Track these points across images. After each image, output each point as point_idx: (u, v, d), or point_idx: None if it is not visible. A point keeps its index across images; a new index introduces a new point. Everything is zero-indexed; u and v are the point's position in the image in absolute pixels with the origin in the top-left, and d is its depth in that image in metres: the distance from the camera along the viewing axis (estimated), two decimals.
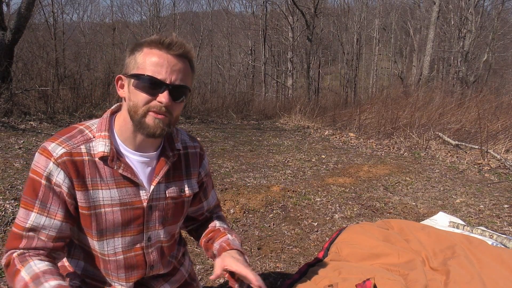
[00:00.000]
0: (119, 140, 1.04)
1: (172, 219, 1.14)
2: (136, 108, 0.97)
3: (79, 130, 1.02)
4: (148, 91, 0.96)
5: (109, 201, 1.01)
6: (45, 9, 16.12)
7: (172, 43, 0.96)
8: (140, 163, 1.06)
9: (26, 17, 6.61)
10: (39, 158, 0.97)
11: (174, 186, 1.12)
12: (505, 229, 3.13)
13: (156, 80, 0.95)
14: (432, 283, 1.96)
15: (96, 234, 1.03)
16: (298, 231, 2.97)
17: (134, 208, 1.05)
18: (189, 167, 1.17)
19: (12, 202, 2.97)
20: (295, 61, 20.96)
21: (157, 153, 1.09)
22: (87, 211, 1.00)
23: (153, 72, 0.95)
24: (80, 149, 0.99)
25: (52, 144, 0.97)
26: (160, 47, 0.96)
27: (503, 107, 9.19)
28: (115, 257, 1.06)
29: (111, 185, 1.01)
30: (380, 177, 4.59)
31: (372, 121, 8.52)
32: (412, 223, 2.77)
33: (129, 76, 0.98)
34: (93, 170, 1.00)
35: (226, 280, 2.24)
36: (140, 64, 0.97)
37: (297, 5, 16.22)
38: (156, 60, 0.95)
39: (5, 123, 5.54)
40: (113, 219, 1.02)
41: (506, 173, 4.90)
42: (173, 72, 0.96)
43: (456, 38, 18.73)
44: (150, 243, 1.11)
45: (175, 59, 0.97)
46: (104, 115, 1.06)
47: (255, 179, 4.28)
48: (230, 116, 9.86)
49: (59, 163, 0.96)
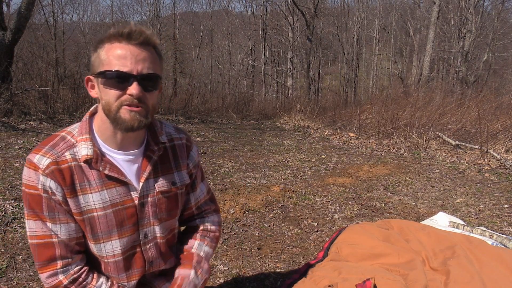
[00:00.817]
0: (101, 141, 1.03)
1: (167, 213, 1.13)
2: (109, 106, 0.95)
3: (61, 137, 1.02)
4: (117, 86, 0.94)
5: (100, 204, 1.01)
6: (45, 9, 16.15)
7: (131, 32, 0.93)
8: (125, 161, 1.05)
9: (26, 17, 6.61)
10: (29, 172, 0.97)
11: (164, 179, 1.11)
12: (505, 229, 3.13)
13: (122, 73, 0.93)
14: (432, 283, 1.96)
15: (92, 237, 1.03)
16: (298, 231, 2.97)
17: (126, 207, 1.04)
18: (178, 159, 1.16)
19: (12, 202, 2.97)
20: (295, 61, 20.96)
21: (141, 150, 1.08)
22: (80, 217, 1.01)
23: (118, 66, 0.93)
24: (65, 156, 0.98)
25: (37, 156, 0.97)
26: (120, 39, 0.93)
27: (503, 107, 9.19)
28: (114, 258, 1.07)
29: (100, 188, 1.01)
30: (380, 177, 4.59)
31: (372, 121, 8.52)
32: (412, 223, 2.77)
33: (96, 75, 0.97)
34: (80, 175, 0.99)
35: (226, 280, 2.24)
36: (104, 60, 0.94)
37: (297, 5, 16.22)
38: (119, 53, 0.93)
39: (5, 123, 5.54)
40: (106, 222, 1.02)
41: (506, 173, 4.90)
42: (138, 62, 0.93)
43: (456, 38, 18.73)
44: (147, 240, 1.10)
45: (137, 48, 0.94)
46: (84, 118, 1.05)
47: (255, 179, 4.28)
48: (230, 116, 9.86)
49: (47, 173, 0.96)
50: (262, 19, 20.14)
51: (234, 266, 2.40)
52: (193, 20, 32.90)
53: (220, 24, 30.30)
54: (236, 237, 2.81)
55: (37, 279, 2.11)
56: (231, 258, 2.50)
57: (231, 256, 2.53)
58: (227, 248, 2.62)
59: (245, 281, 2.24)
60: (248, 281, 2.24)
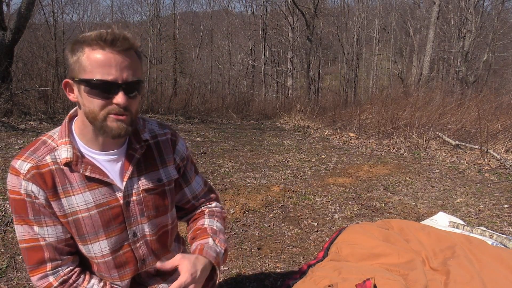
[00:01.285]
0: (82, 143, 1.02)
1: (154, 211, 1.11)
2: (94, 114, 0.93)
3: (42, 142, 1.02)
4: (103, 96, 0.91)
5: (84, 205, 1.01)
6: (45, 9, 16.12)
7: (115, 39, 0.89)
8: (107, 161, 1.04)
9: (26, 17, 6.61)
10: (11, 178, 0.98)
11: (149, 177, 1.10)
12: (505, 229, 3.13)
13: (108, 83, 0.90)
14: (432, 283, 1.96)
15: (79, 239, 1.04)
16: (298, 231, 2.97)
17: (111, 207, 1.04)
18: (163, 155, 1.14)
19: None
20: (295, 61, 20.96)
21: (123, 149, 1.07)
22: (65, 219, 1.01)
23: (103, 75, 0.89)
24: (46, 160, 0.98)
25: (18, 161, 0.98)
26: (103, 45, 0.89)
27: (503, 107, 9.19)
28: (104, 259, 1.06)
29: (83, 189, 1.01)
30: (380, 177, 4.59)
31: (372, 121, 8.52)
32: (412, 223, 2.77)
33: (78, 82, 0.93)
34: (62, 178, 0.99)
35: (226, 280, 2.24)
36: (86, 67, 0.90)
37: (297, 5, 16.22)
38: (103, 60, 0.89)
39: (5, 123, 5.54)
40: (92, 223, 1.02)
41: (506, 173, 4.90)
42: (123, 70, 0.91)
43: (456, 38, 18.73)
44: (136, 238, 1.10)
45: (121, 56, 0.91)
46: (63, 122, 1.04)
47: (255, 179, 4.28)
48: (230, 116, 9.86)
49: (28, 178, 0.96)
50: (262, 19, 20.14)
51: (234, 266, 2.40)
52: (193, 20, 32.90)
53: (220, 24, 30.30)
54: (236, 237, 2.81)
55: None
56: (231, 258, 2.50)
57: (231, 256, 2.53)
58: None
59: (245, 281, 2.24)
60: (248, 281, 2.24)
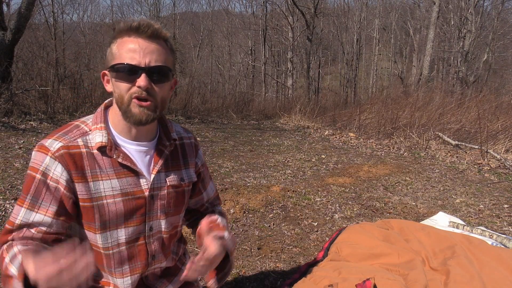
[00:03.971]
0: (115, 132, 1.05)
1: (174, 209, 1.14)
2: (121, 98, 0.98)
3: (75, 125, 1.04)
4: (127, 79, 0.96)
5: (111, 191, 1.01)
6: (45, 9, 16.11)
7: (139, 26, 0.96)
8: (138, 152, 1.06)
9: (26, 17, 6.61)
10: (36, 155, 0.98)
11: (174, 175, 1.13)
12: (505, 229, 3.14)
13: (131, 66, 0.95)
14: (432, 283, 1.96)
15: (100, 226, 1.02)
16: (298, 231, 2.98)
17: (136, 198, 1.05)
18: (186, 157, 1.18)
19: (12, 202, 2.97)
20: (295, 61, 20.96)
21: (154, 142, 1.10)
22: (89, 203, 1.00)
23: (128, 59, 0.96)
24: (77, 142, 1.00)
25: (49, 140, 0.99)
26: (130, 33, 0.96)
27: (503, 107, 9.19)
28: (118, 248, 1.06)
29: (111, 176, 1.02)
30: (380, 177, 4.60)
31: (372, 121, 8.52)
32: (412, 223, 2.77)
33: (109, 70, 1.00)
34: (91, 161, 1.00)
35: (226, 280, 2.24)
36: (115, 54, 0.98)
37: (297, 5, 16.22)
38: (128, 46, 0.96)
39: (5, 123, 5.54)
40: (115, 210, 1.02)
41: (506, 173, 4.90)
42: (146, 55, 0.96)
43: (456, 38, 18.73)
44: (151, 233, 1.11)
45: (146, 41, 0.97)
46: (98, 109, 1.07)
47: (255, 179, 4.28)
48: (230, 116, 9.86)
49: (56, 156, 0.96)
50: (262, 19, 20.14)
51: (234, 266, 2.40)
52: (193, 20, 32.90)
53: (220, 24, 30.29)
54: (236, 237, 2.81)
55: None
56: None
57: None
58: None
59: (245, 281, 2.24)
60: (248, 281, 2.24)
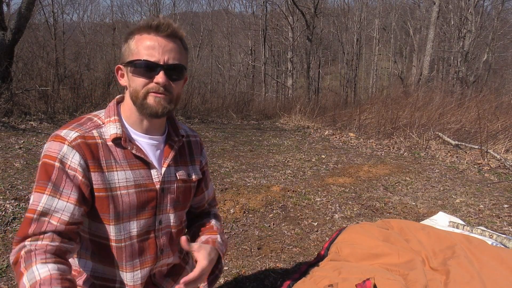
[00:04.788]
0: (127, 125, 1.08)
1: (182, 203, 1.17)
2: (137, 93, 1.01)
3: (87, 118, 1.06)
4: (145, 75, 1.00)
5: (125, 182, 1.03)
6: (45, 9, 16.14)
7: (160, 24, 0.99)
8: (149, 145, 1.09)
9: (27, 17, 6.61)
10: (52, 144, 0.98)
11: (182, 170, 1.16)
12: (505, 229, 3.14)
13: (151, 63, 0.99)
14: (432, 283, 1.96)
15: (114, 217, 1.03)
16: (298, 231, 2.98)
17: (148, 190, 1.07)
18: (192, 154, 1.22)
19: (12, 202, 2.97)
20: (295, 61, 20.96)
21: (164, 137, 1.13)
22: (104, 193, 1.01)
23: (147, 56, 0.99)
24: (93, 133, 1.02)
25: (64, 130, 1.00)
26: (150, 31, 1.00)
27: (503, 107, 9.19)
28: (130, 241, 1.07)
29: (125, 167, 1.04)
30: (380, 177, 4.60)
31: (372, 121, 8.52)
32: (412, 223, 2.77)
33: (126, 64, 1.03)
34: (106, 152, 1.02)
35: (226, 280, 2.24)
36: (133, 50, 1.01)
37: (297, 5, 16.22)
38: (148, 43, 0.99)
39: (5, 123, 5.54)
40: (129, 201, 1.04)
41: (506, 173, 4.91)
42: (165, 53, 1.00)
43: (456, 38, 18.73)
44: (161, 227, 1.12)
45: (165, 40, 1.00)
46: (110, 104, 1.10)
47: (255, 179, 4.28)
48: (230, 116, 9.86)
49: (73, 145, 0.97)
50: (262, 19, 20.12)
51: (234, 266, 2.40)
52: (193, 20, 32.91)
53: (220, 24, 30.29)
54: (236, 237, 2.81)
55: None
56: (231, 258, 2.50)
57: (231, 256, 2.53)
58: (227, 248, 2.63)
59: (245, 281, 2.24)
60: (248, 281, 2.24)
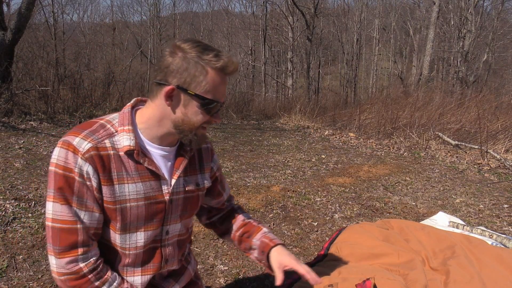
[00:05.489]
0: (141, 135, 1.05)
1: (189, 212, 1.17)
2: (192, 126, 1.02)
3: (100, 125, 1.01)
4: (211, 114, 1.03)
5: (135, 195, 1.02)
6: (45, 9, 16.12)
7: (234, 71, 1.01)
8: (161, 157, 1.07)
9: (27, 17, 6.61)
10: (66, 154, 0.95)
11: (191, 179, 1.15)
12: (505, 229, 3.14)
13: (221, 104, 1.03)
14: (432, 283, 1.96)
15: (120, 227, 1.03)
16: (298, 231, 2.98)
17: (157, 202, 1.06)
18: (202, 161, 1.21)
19: (12, 202, 2.97)
20: (295, 61, 20.96)
21: (174, 148, 1.11)
22: (113, 206, 1.00)
23: (219, 98, 1.01)
24: (105, 144, 0.98)
25: (77, 138, 0.96)
26: (226, 73, 1.00)
27: (503, 107, 9.20)
28: (136, 251, 1.07)
29: (136, 179, 1.02)
30: (380, 177, 4.60)
31: (372, 121, 8.52)
32: (412, 223, 2.77)
33: (194, 96, 0.98)
34: (118, 164, 1.00)
35: (226, 280, 2.24)
36: (208, 87, 0.98)
37: (297, 5, 16.22)
38: (221, 85, 1.01)
39: (5, 123, 5.54)
40: (137, 214, 1.03)
41: (506, 173, 4.91)
42: (225, 93, 1.05)
43: (456, 38, 18.73)
44: (167, 237, 1.13)
45: (228, 81, 1.06)
46: (125, 110, 1.06)
47: (255, 179, 4.28)
48: (230, 116, 9.86)
49: (86, 158, 0.95)
50: (262, 19, 20.12)
51: (234, 266, 2.40)
52: (193, 20, 32.92)
53: (220, 24, 30.31)
54: None
55: (37, 279, 2.11)
56: (231, 258, 2.50)
57: (231, 256, 2.53)
58: (227, 248, 2.63)
59: (245, 281, 2.24)
60: (248, 281, 2.24)
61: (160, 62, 0.99)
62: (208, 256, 2.50)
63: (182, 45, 0.97)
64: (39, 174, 3.71)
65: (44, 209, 2.94)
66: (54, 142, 4.96)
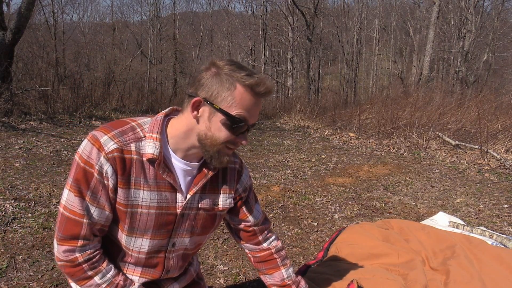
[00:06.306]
0: (168, 146, 1.04)
1: (201, 230, 1.16)
2: (216, 142, 0.99)
3: (131, 127, 1.02)
4: (236, 133, 0.99)
5: (148, 202, 1.03)
6: (45, 9, 16.14)
7: (266, 92, 0.98)
8: (182, 170, 1.06)
9: (27, 17, 6.61)
10: (91, 149, 0.96)
11: (208, 198, 1.13)
12: (505, 229, 3.14)
13: (248, 126, 1.00)
14: (432, 283, 1.96)
15: (127, 229, 1.05)
16: (298, 231, 2.98)
17: (168, 213, 1.06)
18: (226, 182, 1.17)
19: (12, 202, 2.97)
20: (295, 61, 20.96)
21: (199, 164, 1.09)
22: (124, 208, 1.02)
23: (247, 118, 0.98)
24: (130, 147, 0.99)
25: (105, 136, 0.97)
26: (255, 92, 0.97)
27: (503, 107, 9.19)
28: (138, 254, 1.09)
29: (153, 188, 1.03)
30: (380, 177, 4.60)
31: (372, 121, 8.52)
32: (412, 223, 2.77)
33: (219, 110, 0.96)
34: (139, 169, 1.00)
35: (226, 280, 2.24)
36: (236, 105, 0.96)
37: (297, 5, 16.22)
38: (252, 106, 0.98)
39: (5, 123, 5.54)
40: (146, 221, 1.04)
41: (506, 173, 4.90)
42: (257, 116, 1.01)
43: (456, 38, 18.73)
44: (173, 249, 1.13)
45: (261, 103, 1.02)
46: (158, 117, 1.05)
47: (255, 179, 4.28)
48: None
49: (109, 158, 0.96)
50: (262, 19, 20.13)
51: (234, 266, 2.40)
52: (193, 20, 32.93)
53: (220, 24, 30.32)
54: None
55: (37, 279, 2.11)
56: (231, 258, 2.50)
57: (231, 256, 2.53)
58: (227, 248, 2.63)
59: (245, 281, 2.24)
60: (248, 281, 2.24)
61: (195, 76, 1.01)
62: (208, 256, 2.50)
63: (218, 62, 0.98)
64: (39, 174, 3.71)
65: (44, 209, 2.95)
66: (54, 142, 4.96)
